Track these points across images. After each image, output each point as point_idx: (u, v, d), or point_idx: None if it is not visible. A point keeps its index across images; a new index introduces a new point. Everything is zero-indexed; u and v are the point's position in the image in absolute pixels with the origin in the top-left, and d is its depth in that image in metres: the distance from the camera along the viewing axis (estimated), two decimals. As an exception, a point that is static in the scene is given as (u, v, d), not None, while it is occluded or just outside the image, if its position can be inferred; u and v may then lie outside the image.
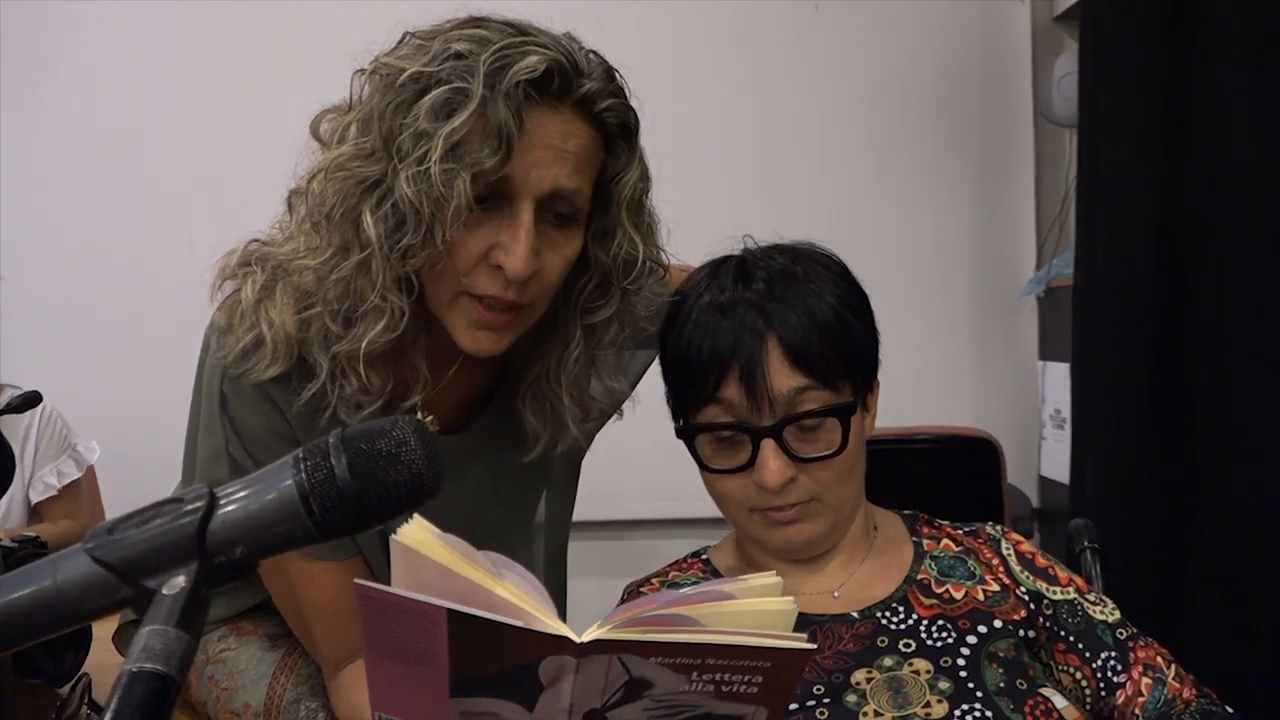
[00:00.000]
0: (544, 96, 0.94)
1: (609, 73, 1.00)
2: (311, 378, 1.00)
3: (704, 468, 1.07)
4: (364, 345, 0.97)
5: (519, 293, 0.97)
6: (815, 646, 0.74)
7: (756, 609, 0.69)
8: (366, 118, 0.96)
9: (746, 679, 0.66)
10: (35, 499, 2.38)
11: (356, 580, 0.62)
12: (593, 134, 0.98)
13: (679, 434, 1.09)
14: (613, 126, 0.99)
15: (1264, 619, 1.83)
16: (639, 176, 1.03)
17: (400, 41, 0.99)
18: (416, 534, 0.63)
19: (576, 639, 0.63)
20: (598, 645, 0.63)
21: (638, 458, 2.02)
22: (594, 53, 1.00)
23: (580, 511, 1.30)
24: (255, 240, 1.06)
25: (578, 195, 0.98)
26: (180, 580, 0.52)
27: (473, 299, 0.98)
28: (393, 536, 0.63)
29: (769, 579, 0.71)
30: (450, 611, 0.60)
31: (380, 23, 1.02)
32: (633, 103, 1.03)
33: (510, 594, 0.64)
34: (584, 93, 0.96)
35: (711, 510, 1.12)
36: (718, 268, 1.09)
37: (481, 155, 0.91)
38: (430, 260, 0.95)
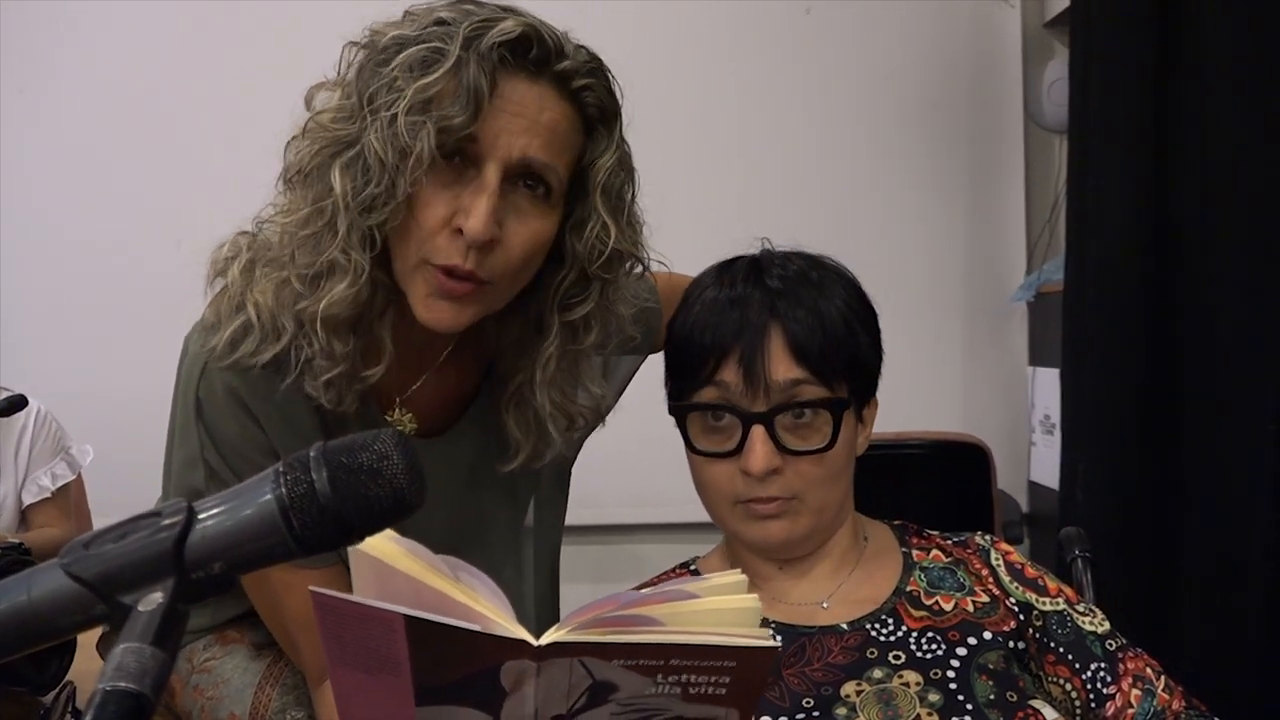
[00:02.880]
0: (520, 63, 0.94)
1: (594, 58, 1.00)
2: (279, 341, 0.99)
3: (692, 449, 1.07)
4: (324, 305, 0.96)
5: (478, 262, 0.95)
6: (779, 644, 0.72)
7: (720, 607, 0.68)
8: (347, 80, 0.97)
9: (713, 680, 0.66)
10: (27, 500, 2.37)
11: (312, 589, 0.61)
12: (571, 113, 0.98)
13: (671, 411, 1.09)
14: (592, 109, 0.99)
15: (1254, 628, 1.83)
16: (617, 164, 1.02)
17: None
18: (374, 541, 0.63)
19: (534, 642, 0.62)
20: (556, 648, 0.63)
21: (627, 462, 2.02)
22: (586, 47, 1.00)
23: (569, 516, 1.30)
24: (245, 232, 1.05)
25: (548, 169, 0.97)
26: (157, 596, 0.51)
27: (434, 268, 0.97)
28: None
29: (733, 577, 0.71)
30: (407, 617, 0.60)
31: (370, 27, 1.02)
32: (621, 99, 1.02)
33: (468, 598, 0.63)
34: (562, 67, 0.96)
35: (700, 515, 1.12)
36: (729, 265, 1.10)
37: (450, 112, 0.91)
38: (394, 215, 0.94)
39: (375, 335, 1.01)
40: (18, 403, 2.09)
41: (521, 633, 0.62)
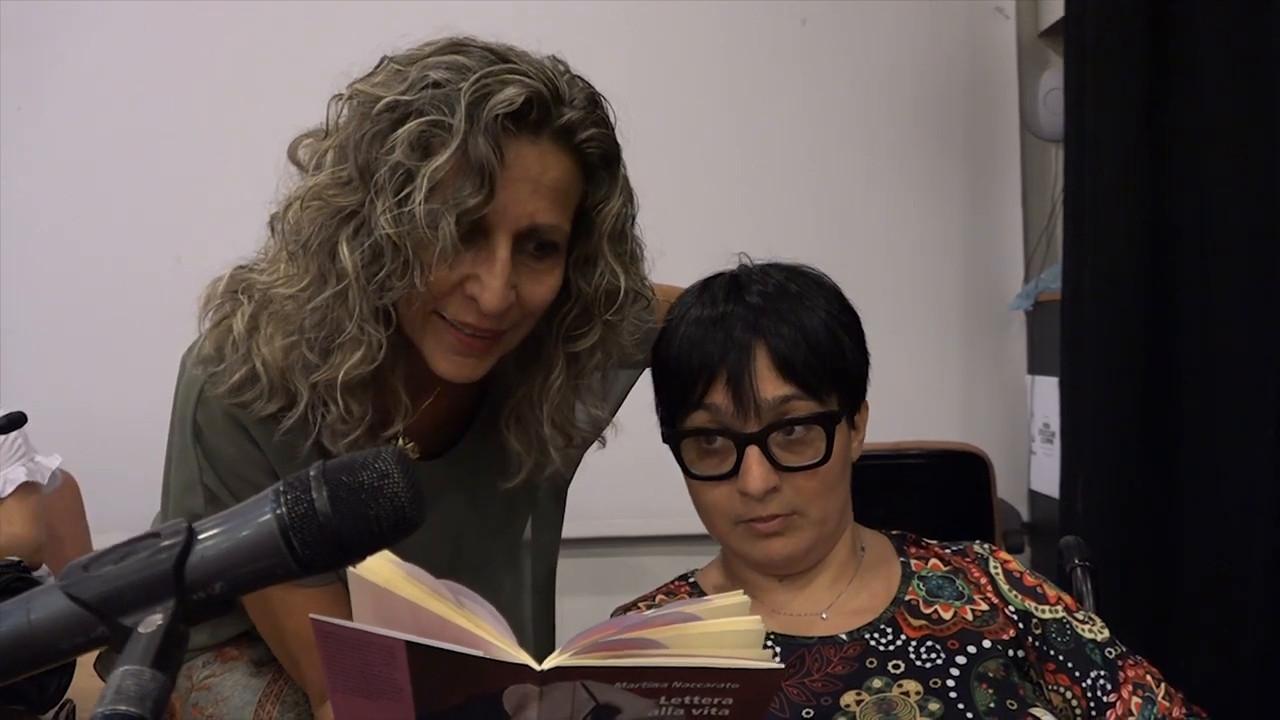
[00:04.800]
0: (522, 128, 0.93)
1: (592, 99, 0.98)
2: (294, 406, 0.99)
3: (688, 474, 1.07)
4: (341, 375, 0.96)
5: (496, 321, 0.96)
6: (783, 667, 0.72)
7: (723, 629, 0.68)
8: (343, 145, 0.95)
9: (716, 701, 0.66)
10: None
11: (313, 616, 0.61)
12: (572, 164, 0.97)
13: (665, 439, 1.09)
14: (593, 156, 0.98)
15: (1254, 635, 1.82)
16: (621, 205, 1.01)
17: (378, 66, 0.97)
18: (374, 565, 0.63)
19: (537, 666, 0.62)
20: (559, 672, 0.63)
21: (625, 474, 2.02)
22: (579, 78, 0.99)
23: (567, 528, 1.30)
24: (242, 267, 1.05)
25: (555, 230, 0.97)
26: (157, 618, 0.51)
27: (446, 322, 0.97)
28: (350, 569, 0.62)
29: (735, 598, 0.71)
30: (409, 643, 0.60)
31: (371, 43, 1.02)
32: (618, 125, 1.01)
33: (469, 622, 0.63)
34: (563, 123, 0.94)
35: (698, 527, 1.12)
36: (709, 283, 1.10)
37: (464, 194, 0.90)
38: (406, 291, 0.94)
39: (389, 389, 1.02)
40: (16, 420, 2.09)
41: (524, 657, 0.62)
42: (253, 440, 1.03)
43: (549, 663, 0.63)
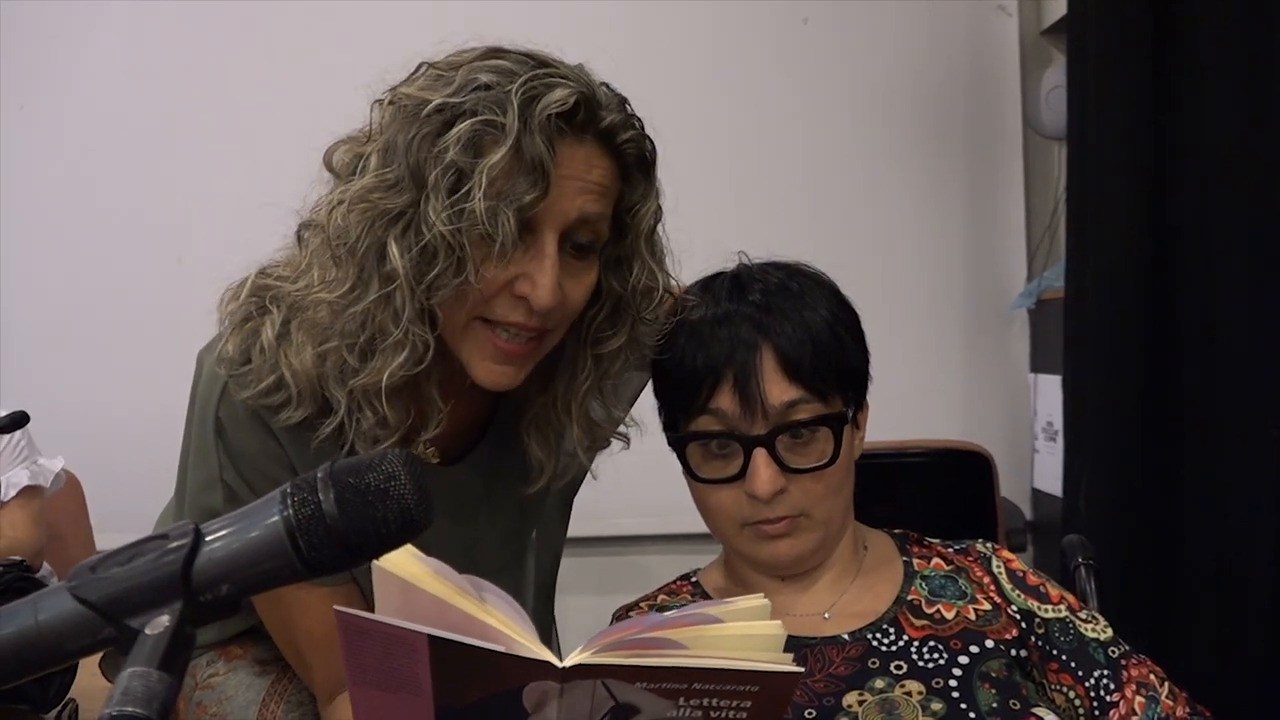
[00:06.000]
0: (570, 128, 0.95)
1: (624, 104, 1.01)
2: (329, 414, 1.00)
3: (694, 478, 1.07)
4: (384, 378, 0.96)
5: (543, 320, 0.98)
6: (803, 670, 0.73)
7: (743, 632, 0.69)
8: (388, 148, 0.95)
9: (735, 704, 0.66)
10: None
11: (336, 607, 0.61)
12: (613, 165, 0.99)
13: (671, 443, 1.09)
14: (632, 158, 1.00)
15: (1257, 634, 1.82)
16: (656, 207, 1.04)
17: (416, 72, 0.98)
18: (398, 558, 0.63)
19: (559, 664, 0.62)
20: (580, 670, 0.63)
21: (627, 473, 2.02)
22: (606, 84, 1.01)
23: (570, 527, 1.30)
24: (263, 274, 1.05)
25: (601, 220, 0.99)
26: (164, 619, 0.51)
27: (488, 326, 0.98)
28: (374, 561, 0.62)
29: (756, 601, 0.71)
30: (431, 637, 0.60)
31: (369, 44, 1.02)
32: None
33: (492, 618, 0.64)
34: (606, 125, 0.97)
35: (699, 526, 1.12)
36: (711, 282, 1.10)
37: (519, 190, 0.91)
38: (458, 294, 0.95)
39: (425, 395, 1.02)
40: (19, 419, 2.09)
41: (546, 654, 0.63)
42: (275, 437, 1.03)
43: (570, 660, 0.63)
